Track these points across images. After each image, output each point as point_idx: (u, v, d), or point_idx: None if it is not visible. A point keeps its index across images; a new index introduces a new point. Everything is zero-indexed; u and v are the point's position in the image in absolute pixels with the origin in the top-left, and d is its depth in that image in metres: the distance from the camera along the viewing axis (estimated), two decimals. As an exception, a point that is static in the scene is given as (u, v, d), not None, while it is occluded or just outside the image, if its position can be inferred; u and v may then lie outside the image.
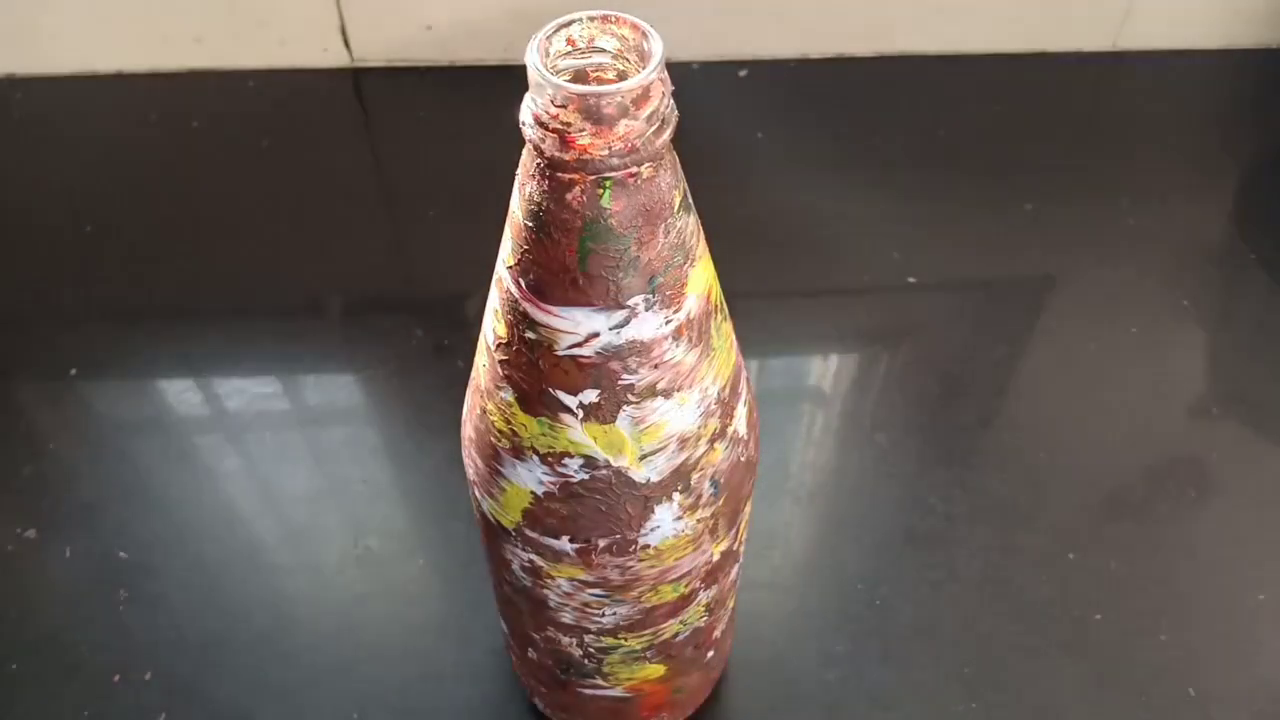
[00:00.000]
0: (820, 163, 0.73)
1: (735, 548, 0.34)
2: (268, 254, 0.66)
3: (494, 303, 0.27)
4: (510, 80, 0.90)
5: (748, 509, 0.34)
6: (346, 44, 0.77)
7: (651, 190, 0.23)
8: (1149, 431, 0.56)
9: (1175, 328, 0.62)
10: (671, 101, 0.23)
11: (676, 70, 0.80)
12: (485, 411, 0.29)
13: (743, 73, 0.79)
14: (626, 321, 0.24)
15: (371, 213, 0.70)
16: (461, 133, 0.74)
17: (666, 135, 0.23)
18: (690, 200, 0.26)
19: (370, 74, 0.78)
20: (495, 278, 0.27)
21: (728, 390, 0.28)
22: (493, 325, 0.27)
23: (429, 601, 0.49)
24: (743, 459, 0.31)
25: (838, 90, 0.78)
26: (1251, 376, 0.59)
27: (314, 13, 0.75)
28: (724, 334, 0.28)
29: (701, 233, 0.27)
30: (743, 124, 0.75)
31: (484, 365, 0.28)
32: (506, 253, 0.26)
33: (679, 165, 0.25)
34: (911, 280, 0.64)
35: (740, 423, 0.30)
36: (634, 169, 0.22)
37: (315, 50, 0.78)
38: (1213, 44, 0.81)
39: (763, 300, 0.63)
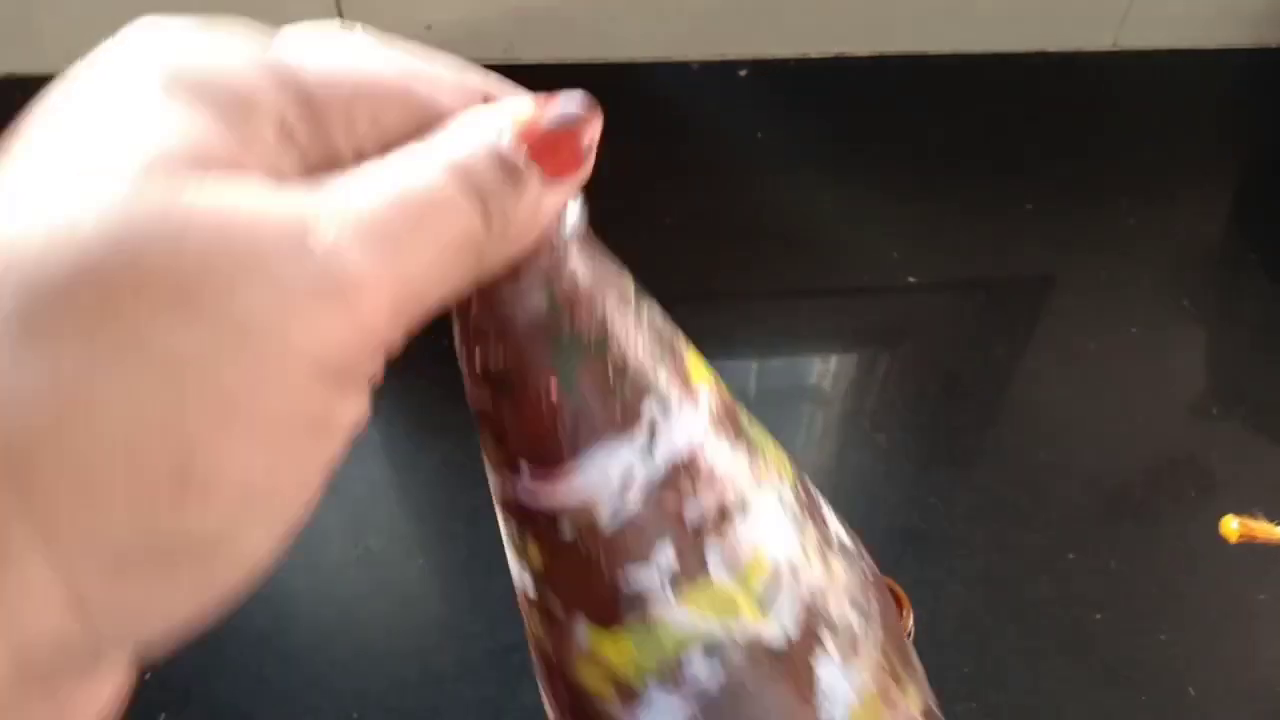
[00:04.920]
0: (820, 163, 0.73)
1: (934, 706, 0.26)
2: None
3: (509, 541, 0.22)
4: (510, 80, 0.90)
5: (913, 653, 0.27)
6: (346, 44, 0.77)
7: (598, 279, 0.20)
8: (1149, 431, 0.56)
9: (1175, 328, 0.62)
10: None
11: (676, 70, 0.80)
12: (570, 680, 0.22)
13: (743, 73, 0.79)
14: (653, 435, 0.20)
15: (371, 213, 0.69)
16: (461, 133, 0.74)
17: (568, 227, 0.19)
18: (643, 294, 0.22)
19: (370, 74, 0.78)
20: (498, 516, 0.22)
21: (802, 490, 0.23)
22: (519, 567, 0.22)
23: (429, 601, 0.49)
24: (869, 575, 0.25)
25: (838, 90, 0.78)
26: (1251, 376, 0.59)
27: (314, 13, 0.75)
28: (761, 429, 0.24)
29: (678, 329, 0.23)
30: (743, 124, 0.75)
31: (538, 630, 0.22)
32: (491, 467, 0.21)
33: (610, 259, 0.21)
34: (911, 280, 0.64)
35: (839, 531, 0.24)
36: (556, 264, 0.19)
37: (315, 50, 0.77)
38: (1212, 44, 0.81)
39: (763, 300, 0.63)
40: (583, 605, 0.21)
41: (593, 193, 0.20)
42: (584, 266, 0.19)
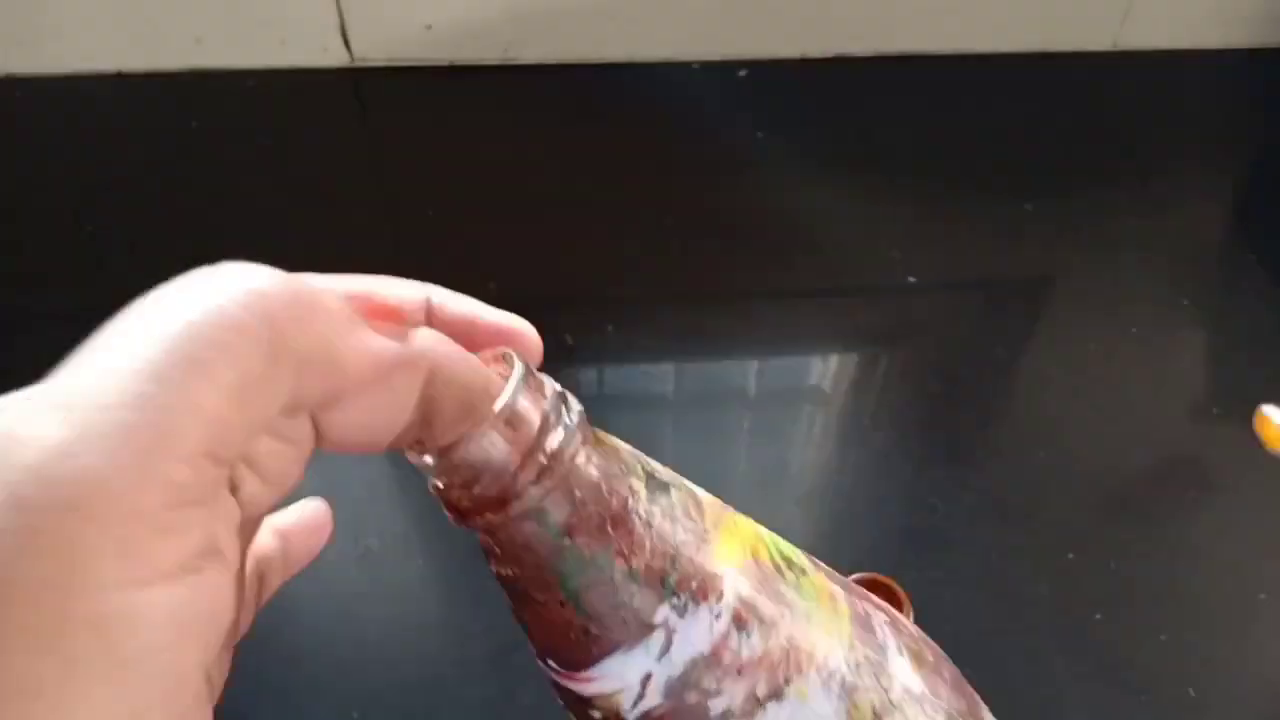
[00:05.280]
0: (820, 163, 0.73)
1: None
2: (267, 254, 0.66)
3: (560, 704, 0.22)
4: (510, 80, 0.90)
5: None
6: (346, 44, 0.77)
7: (596, 494, 0.19)
8: (1149, 431, 0.56)
9: (1175, 328, 0.62)
10: (552, 412, 0.19)
11: (676, 70, 0.80)
12: None
13: (743, 73, 0.79)
14: (669, 642, 0.20)
15: (371, 212, 0.69)
16: (461, 132, 0.74)
17: (556, 444, 0.19)
18: (667, 477, 0.22)
19: (370, 74, 0.78)
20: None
21: (860, 651, 0.22)
22: None
23: (429, 601, 0.49)
24: (942, 709, 0.24)
25: (838, 90, 0.78)
26: (1251, 376, 0.59)
27: (314, 13, 0.75)
28: (812, 588, 0.22)
29: (712, 501, 0.22)
30: (743, 124, 0.75)
31: None
32: (533, 648, 0.22)
33: (622, 453, 0.21)
34: (911, 280, 0.64)
35: (905, 676, 0.23)
36: (546, 491, 0.19)
37: (315, 50, 0.77)
38: (1213, 44, 0.81)
39: (763, 300, 0.63)
40: None
41: (594, 192, 0.20)
42: (584, 483, 0.19)
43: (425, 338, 0.18)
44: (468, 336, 0.20)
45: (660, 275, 0.62)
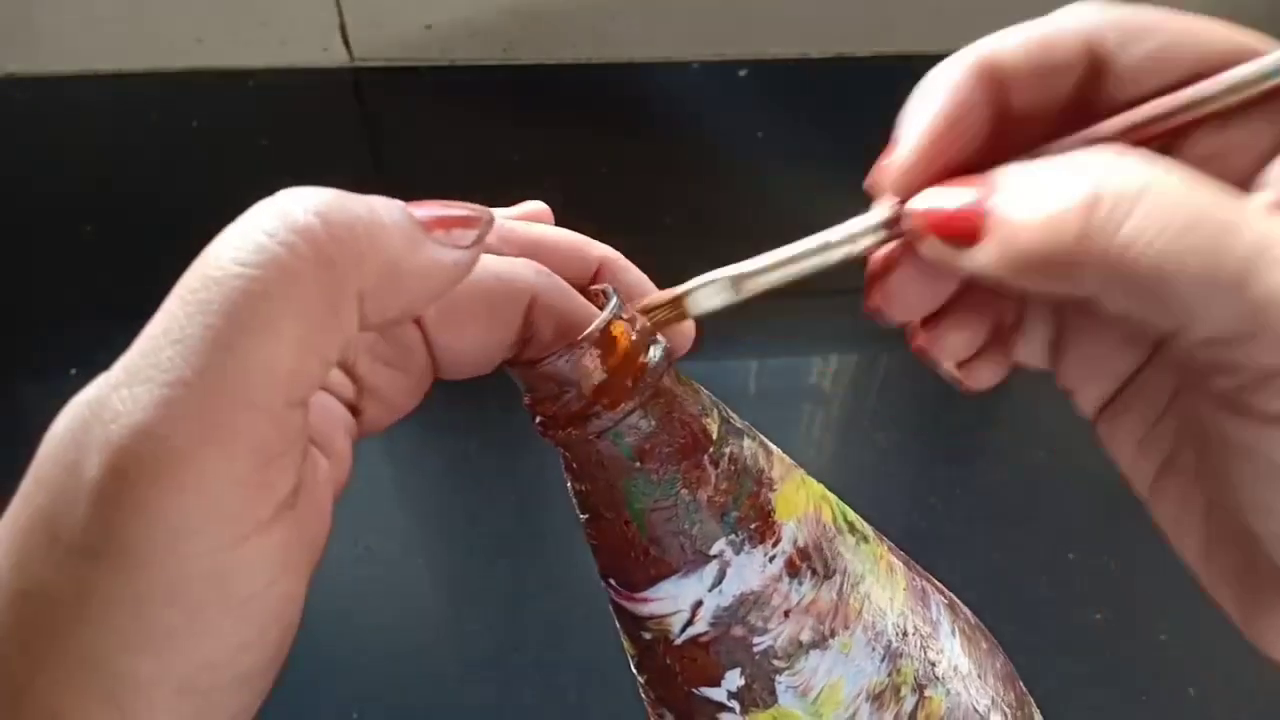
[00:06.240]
0: (820, 163, 0.73)
1: None
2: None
3: (617, 625, 0.24)
4: (510, 80, 0.90)
5: None
6: (346, 44, 0.77)
7: (671, 426, 0.21)
8: (1149, 431, 0.56)
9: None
10: (639, 343, 0.21)
11: (676, 70, 0.80)
12: None
13: (743, 73, 0.79)
14: (722, 574, 0.21)
15: (371, 213, 0.69)
16: (461, 132, 0.74)
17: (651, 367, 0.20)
18: (742, 425, 0.23)
19: (370, 74, 0.78)
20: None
21: (911, 621, 0.23)
22: (626, 650, 0.24)
23: (429, 601, 0.49)
24: (985, 699, 0.24)
25: (838, 90, 0.78)
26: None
27: (314, 13, 0.75)
28: (870, 555, 0.24)
29: (784, 457, 0.23)
30: (743, 124, 0.75)
31: (642, 696, 0.24)
32: (597, 566, 0.23)
33: (702, 396, 0.22)
34: (911, 280, 0.64)
35: (955, 655, 0.24)
36: (625, 414, 0.20)
37: (315, 50, 0.78)
38: (1213, 44, 0.81)
39: (763, 300, 0.63)
40: (665, 701, 0.23)
41: (594, 192, 0.20)
42: (660, 413, 0.20)
43: (528, 268, 0.20)
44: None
45: (660, 275, 0.62)
